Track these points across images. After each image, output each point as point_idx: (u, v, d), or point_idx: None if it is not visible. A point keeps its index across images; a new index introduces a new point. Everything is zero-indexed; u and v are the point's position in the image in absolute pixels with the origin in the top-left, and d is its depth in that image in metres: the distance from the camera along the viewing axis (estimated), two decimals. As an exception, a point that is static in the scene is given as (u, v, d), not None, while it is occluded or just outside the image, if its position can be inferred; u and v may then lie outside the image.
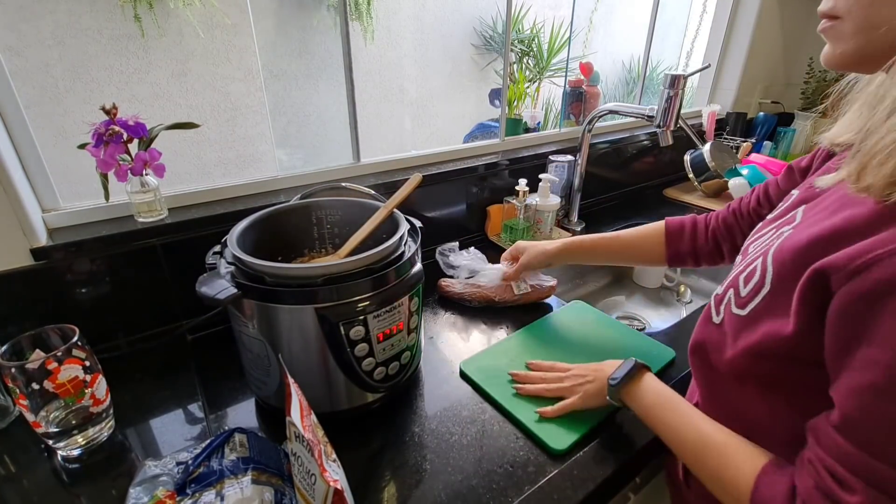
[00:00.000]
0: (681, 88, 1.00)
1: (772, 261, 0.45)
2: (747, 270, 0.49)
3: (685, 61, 3.51)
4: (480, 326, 0.89)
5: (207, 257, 0.65)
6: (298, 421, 0.46)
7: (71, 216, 0.80)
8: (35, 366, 0.56)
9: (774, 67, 1.93)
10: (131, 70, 1.97)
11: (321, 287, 0.57)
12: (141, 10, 1.91)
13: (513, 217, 1.20)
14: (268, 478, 0.53)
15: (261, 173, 0.97)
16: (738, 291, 0.49)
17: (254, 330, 0.61)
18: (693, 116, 1.84)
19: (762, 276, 0.46)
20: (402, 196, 0.73)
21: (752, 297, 0.46)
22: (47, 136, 1.83)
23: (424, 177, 0.79)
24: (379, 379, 0.65)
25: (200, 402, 0.72)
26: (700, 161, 1.45)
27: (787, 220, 0.51)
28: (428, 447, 0.64)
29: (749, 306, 0.47)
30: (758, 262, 0.48)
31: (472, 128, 2.94)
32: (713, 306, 0.54)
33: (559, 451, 0.62)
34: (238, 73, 2.20)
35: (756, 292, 0.46)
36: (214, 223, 0.85)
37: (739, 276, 0.50)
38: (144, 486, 0.53)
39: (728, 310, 0.50)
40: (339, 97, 1.13)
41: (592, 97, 1.73)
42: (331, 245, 0.81)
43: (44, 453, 0.62)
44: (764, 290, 0.45)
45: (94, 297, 0.78)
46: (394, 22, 2.74)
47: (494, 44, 3.14)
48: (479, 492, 0.57)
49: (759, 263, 0.47)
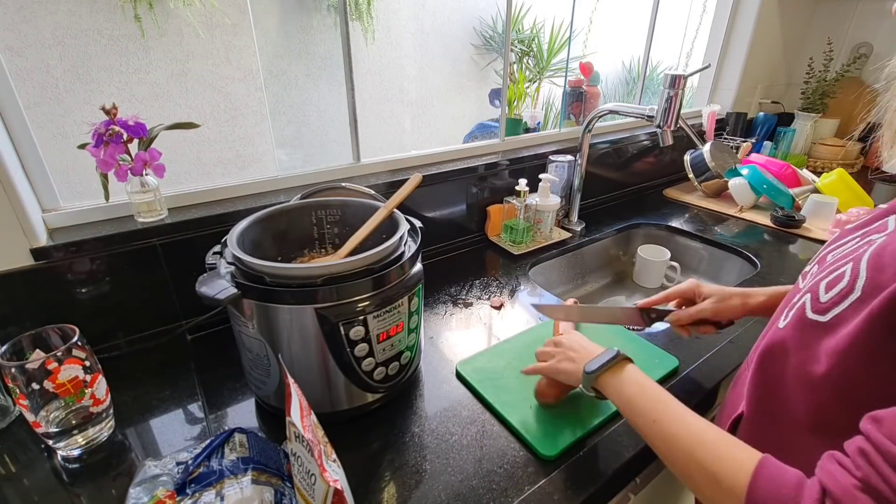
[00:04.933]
0: (681, 88, 1.00)
1: (866, 267, 0.43)
2: (831, 276, 0.46)
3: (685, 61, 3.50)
4: (480, 327, 0.89)
5: (207, 257, 0.65)
6: (298, 421, 0.46)
7: (71, 216, 0.80)
8: (35, 366, 0.56)
9: (774, 67, 1.93)
10: (131, 70, 1.97)
11: (321, 287, 0.57)
12: (141, 10, 1.91)
13: (513, 217, 1.20)
14: (268, 478, 0.53)
15: (261, 173, 0.97)
16: (818, 297, 0.46)
17: (254, 330, 0.61)
18: (693, 116, 1.84)
19: (851, 283, 0.43)
20: (402, 196, 0.73)
21: (837, 302, 0.44)
22: (47, 136, 1.83)
23: (424, 177, 0.79)
24: (379, 379, 0.65)
25: (200, 402, 0.72)
26: (700, 161, 1.45)
27: (875, 228, 0.49)
28: (428, 447, 0.64)
29: (831, 312, 0.44)
30: (846, 268, 0.45)
31: (472, 128, 2.93)
32: (783, 312, 0.52)
33: (550, 457, 0.61)
34: (238, 73, 2.19)
35: (842, 298, 0.44)
36: (214, 223, 0.85)
37: (821, 283, 0.47)
38: (144, 486, 0.53)
39: (800, 314, 0.48)
40: (339, 97, 1.13)
41: (592, 97, 1.73)
42: (331, 245, 0.81)
43: (44, 453, 0.62)
44: (852, 296, 0.43)
45: (94, 297, 0.78)
46: (394, 22, 2.74)
47: (494, 44, 3.14)
48: (480, 492, 0.57)
49: (849, 270, 0.44)
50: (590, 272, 1.30)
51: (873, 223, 0.51)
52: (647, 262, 1.22)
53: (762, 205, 1.45)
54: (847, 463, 0.37)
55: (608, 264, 1.34)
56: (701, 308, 0.70)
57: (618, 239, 1.35)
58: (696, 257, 1.31)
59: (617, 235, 1.34)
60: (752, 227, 1.35)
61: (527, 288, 1.03)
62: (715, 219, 1.40)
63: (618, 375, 0.57)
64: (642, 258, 1.23)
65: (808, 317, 0.46)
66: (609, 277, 1.33)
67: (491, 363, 0.77)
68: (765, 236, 1.29)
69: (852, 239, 0.51)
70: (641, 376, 0.57)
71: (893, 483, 0.33)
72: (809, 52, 1.89)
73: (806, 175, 1.54)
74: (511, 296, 0.99)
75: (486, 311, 0.94)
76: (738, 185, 1.42)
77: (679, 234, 1.34)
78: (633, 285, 1.28)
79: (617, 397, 0.56)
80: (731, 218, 1.41)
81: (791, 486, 0.38)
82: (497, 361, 0.77)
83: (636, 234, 1.37)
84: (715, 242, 1.27)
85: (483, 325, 0.90)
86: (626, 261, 1.37)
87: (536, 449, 0.62)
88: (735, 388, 0.63)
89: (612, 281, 1.33)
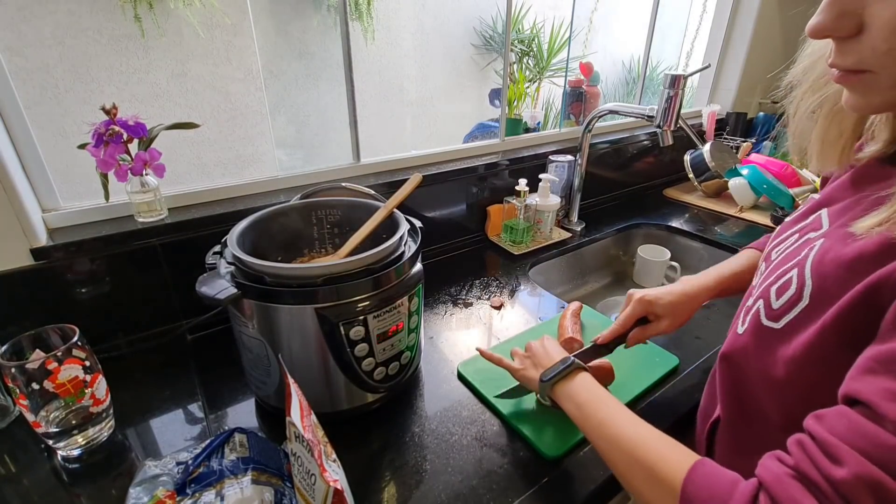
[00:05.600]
0: (681, 88, 1.00)
1: (811, 274, 0.43)
2: (779, 282, 0.47)
3: (685, 61, 3.51)
4: (481, 327, 0.89)
5: (207, 257, 0.65)
6: (298, 421, 0.46)
7: (71, 216, 0.80)
8: (35, 366, 0.56)
9: (774, 67, 1.93)
10: (131, 70, 1.97)
11: (321, 287, 0.57)
12: (141, 11, 1.91)
13: (513, 217, 1.20)
14: (268, 478, 0.53)
15: (261, 173, 0.97)
16: (769, 303, 0.47)
17: (254, 330, 0.61)
18: (693, 116, 1.84)
19: (799, 290, 0.44)
20: (402, 196, 0.73)
21: (787, 310, 0.45)
22: (47, 136, 1.83)
23: (424, 177, 0.79)
24: (379, 379, 0.65)
25: (200, 402, 0.72)
26: (700, 161, 1.45)
27: (810, 225, 0.49)
28: (428, 447, 0.64)
29: (784, 319, 0.45)
30: (791, 273, 0.46)
31: (472, 128, 2.94)
32: (741, 317, 0.52)
33: (553, 457, 0.62)
34: (238, 73, 2.19)
35: (791, 305, 0.45)
36: (214, 223, 0.85)
37: (770, 288, 0.48)
38: (144, 486, 0.53)
39: (756, 321, 0.49)
40: (339, 97, 1.13)
41: (592, 97, 1.73)
42: (331, 245, 0.81)
43: (44, 453, 0.62)
44: (801, 303, 0.44)
45: (94, 297, 0.78)
46: (394, 22, 2.74)
47: (494, 44, 3.14)
48: (480, 492, 0.57)
49: (795, 276, 0.45)
50: (590, 272, 1.30)
51: (808, 216, 0.51)
52: (647, 262, 1.22)
53: (762, 205, 1.45)
54: (784, 456, 0.37)
55: (608, 264, 1.34)
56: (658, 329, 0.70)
57: (618, 239, 1.35)
58: (696, 257, 1.31)
59: (617, 235, 1.34)
60: (752, 227, 1.35)
61: (527, 288, 1.03)
62: (715, 219, 1.40)
63: (570, 383, 0.57)
64: (642, 258, 1.23)
65: (764, 323, 0.47)
66: (609, 277, 1.33)
67: (492, 364, 0.77)
68: (765, 236, 1.29)
69: (791, 235, 0.52)
70: (593, 384, 0.56)
71: (823, 467, 0.34)
72: (809, 52, 1.89)
73: (806, 175, 1.54)
74: (511, 296, 0.99)
75: (486, 311, 0.94)
76: (738, 185, 1.41)
77: (679, 234, 1.34)
78: (632, 285, 1.28)
79: (568, 403, 0.56)
80: (731, 218, 1.41)
81: (727, 483, 0.38)
82: None
83: (636, 234, 1.37)
84: (715, 242, 1.27)
85: (483, 325, 0.90)
86: (626, 261, 1.37)
87: (540, 449, 0.62)
88: (709, 389, 0.64)
89: (612, 281, 1.33)
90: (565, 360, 0.59)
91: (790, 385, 0.45)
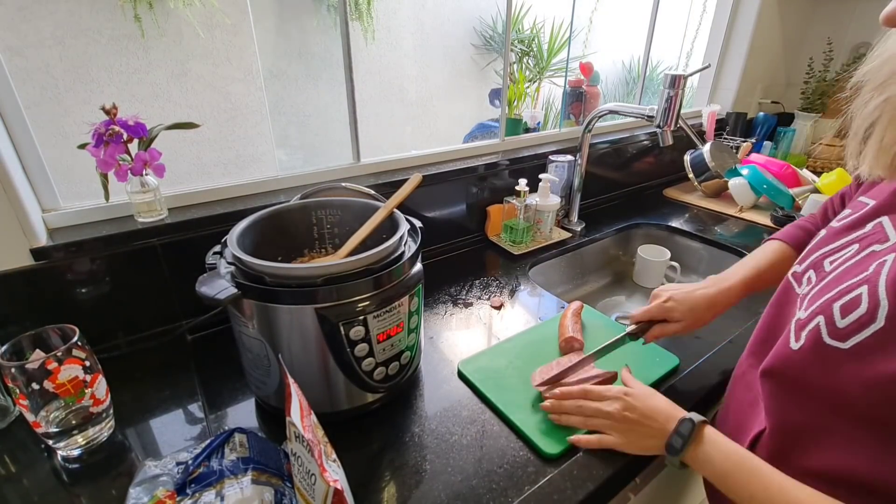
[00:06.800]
0: (681, 88, 1.00)
1: (885, 294, 0.41)
2: (843, 299, 0.45)
3: (685, 61, 3.50)
4: (481, 327, 0.89)
5: (207, 257, 0.65)
6: (298, 421, 0.46)
7: (71, 216, 0.80)
8: (35, 366, 0.56)
9: (774, 67, 1.94)
10: (131, 70, 1.97)
11: (321, 287, 0.57)
12: (141, 11, 1.91)
13: (513, 217, 1.20)
14: (268, 478, 0.53)
15: (261, 173, 0.97)
16: (833, 321, 0.45)
17: (253, 330, 0.61)
18: (693, 116, 1.84)
19: (871, 311, 0.42)
20: (402, 196, 0.73)
21: (857, 330, 0.43)
22: (47, 136, 1.83)
23: (424, 177, 0.79)
24: (379, 379, 0.65)
25: (200, 402, 0.72)
26: (700, 161, 1.45)
27: (871, 235, 0.47)
28: (428, 447, 0.64)
29: (852, 340, 0.43)
30: (860, 290, 0.44)
31: (472, 128, 2.94)
32: (793, 331, 0.49)
33: (552, 456, 0.62)
34: (238, 73, 2.20)
35: (862, 326, 0.42)
36: (214, 223, 0.85)
37: (833, 304, 0.45)
38: (144, 486, 0.53)
39: (816, 338, 0.46)
40: (339, 97, 1.13)
41: (592, 97, 1.73)
42: (331, 245, 0.81)
43: (44, 453, 0.62)
44: (874, 325, 0.41)
45: (94, 297, 0.78)
46: (394, 22, 2.74)
47: (494, 44, 3.14)
48: (479, 492, 0.57)
49: (865, 294, 0.43)
50: (590, 272, 1.30)
51: (865, 224, 0.50)
52: (647, 262, 1.22)
53: (762, 205, 1.45)
54: None
55: (608, 264, 1.34)
56: (675, 330, 0.72)
57: (618, 239, 1.35)
58: (695, 257, 1.31)
59: (617, 235, 1.34)
60: (751, 227, 1.35)
61: (527, 288, 1.03)
62: (715, 219, 1.40)
63: (700, 445, 0.54)
64: (642, 258, 1.23)
65: (826, 342, 0.45)
66: (609, 277, 1.33)
67: (493, 363, 0.77)
68: (765, 236, 1.27)
69: (849, 244, 0.50)
70: (722, 440, 0.54)
71: None
72: (809, 52, 1.89)
73: (806, 175, 1.54)
74: (511, 296, 0.99)
75: (486, 311, 0.94)
76: (738, 185, 1.42)
77: (679, 234, 1.34)
78: (632, 285, 1.28)
79: (708, 471, 0.53)
80: (731, 218, 1.41)
81: None
82: (499, 361, 0.78)
83: (636, 234, 1.37)
84: (715, 242, 1.27)
85: (483, 325, 0.90)
86: (626, 261, 1.37)
87: (540, 448, 0.62)
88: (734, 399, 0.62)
89: (612, 281, 1.33)
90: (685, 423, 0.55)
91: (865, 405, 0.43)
